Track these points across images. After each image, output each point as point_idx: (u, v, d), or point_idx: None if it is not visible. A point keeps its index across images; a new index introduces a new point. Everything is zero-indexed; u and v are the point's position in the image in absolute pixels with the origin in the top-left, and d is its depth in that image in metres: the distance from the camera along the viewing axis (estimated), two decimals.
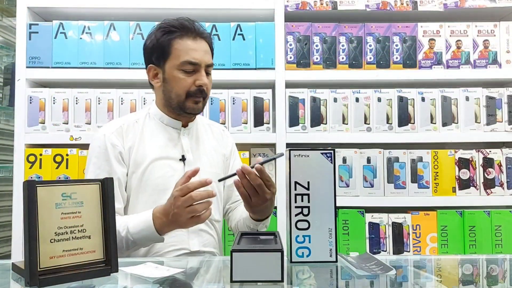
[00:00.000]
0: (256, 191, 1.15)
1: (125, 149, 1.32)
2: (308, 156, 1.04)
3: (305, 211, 1.02)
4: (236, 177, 1.16)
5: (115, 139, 1.32)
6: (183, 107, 1.33)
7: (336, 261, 1.00)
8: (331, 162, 1.04)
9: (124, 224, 1.20)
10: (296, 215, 1.02)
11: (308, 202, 1.03)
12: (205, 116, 1.93)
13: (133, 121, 1.37)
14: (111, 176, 1.20)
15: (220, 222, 1.45)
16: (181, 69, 1.31)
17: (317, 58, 1.99)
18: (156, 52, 1.33)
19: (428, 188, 1.94)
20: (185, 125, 1.39)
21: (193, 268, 1.07)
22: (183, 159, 1.35)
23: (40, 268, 0.81)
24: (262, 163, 1.14)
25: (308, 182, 1.03)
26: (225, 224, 1.57)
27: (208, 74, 1.34)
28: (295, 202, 1.03)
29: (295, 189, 1.03)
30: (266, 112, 1.95)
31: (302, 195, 1.03)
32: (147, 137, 1.35)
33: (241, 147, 1.84)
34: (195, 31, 1.32)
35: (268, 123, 1.96)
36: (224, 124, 1.94)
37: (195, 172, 1.14)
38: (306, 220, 1.02)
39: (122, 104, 1.94)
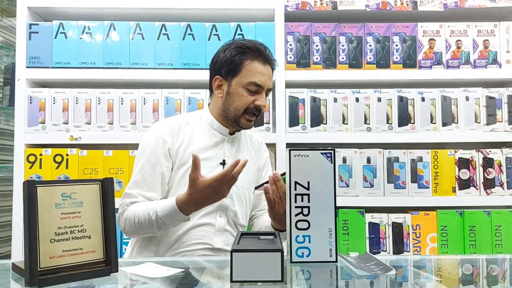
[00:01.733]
0: (280, 199, 1.27)
1: (174, 147, 1.43)
2: (308, 156, 1.04)
3: (305, 211, 1.02)
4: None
5: (167, 136, 1.42)
6: (238, 121, 1.44)
7: (336, 261, 1.00)
8: (331, 162, 1.04)
9: (153, 208, 1.30)
10: (296, 215, 1.02)
11: (308, 202, 1.03)
12: None
13: (185, 122, 1.48)
14: (156, 168, 1.38)
15: (245, 227, 1.52)
16: (246, 88, 1.42)
17: (317, 58, 1.99)
18: (227, 67, 1.44)
19: (428, 188, 1.94)
20: (231, 133, 1.50)
21: (193, 268, 1.07)
22: (223, 163, 1.45)
23: (40, 268, 0.81)
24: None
25: (308, 182, 1.03)
26: (249, 229, 1.60)
27: (266, 96, 1.47)
28: (295, 202, 1.03)
29: (295, 189, 1.03)
30: (266, 112, 1.96)
31: (302, 195, 1.03)
32: (195, 139, 1.45)
33: None
34: (265, 57, 1.44)
35: (268, 123, 1.96)
36: None
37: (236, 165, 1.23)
38: (306, 220, 1.02)
39: (122, 104, 1.94)
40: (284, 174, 1.25)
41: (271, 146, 1.98)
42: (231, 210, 1.44)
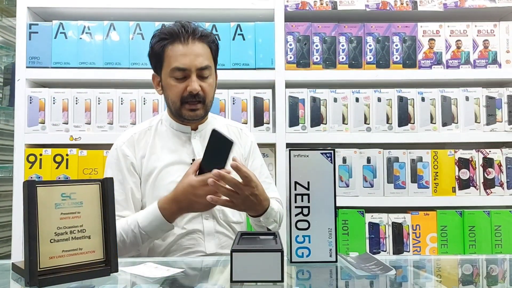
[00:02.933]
0: (234, 192, 1.14)
1: (137, 159, 1.35)
2: (308, 156, 1.04)
3: (305, 211, 1.02)
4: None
5: (127, 149, 1.35)
6: (180, 114, 1.34)
7: (336, 261, 1.00)
8: (331, 162, 1.04)
9: (134, 220, 1.23)
10: (296, 215, 1.02)
11: (308, 202, 1.03)
12: None
13: (146, 129, 1.40)
14: (124, 185, 1.31)
15: (242, 224, 1.44)
16: (172, 76, 1.31)
17: (317, 58, 1.99)
18: (153, 60, 1.35)
19: (428, 188, 1.94)
20: (195, 128, 1.39)
21: (193, 268, 1.07)
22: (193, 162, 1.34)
23: (40, 268, 0.81)
24: (215, 134, 1.10)
25: (308, 182, 1.03)
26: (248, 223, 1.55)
27: (204, 77, 1.32)
28: (295, 202, 1.03)
29: (295, 189, 1.03)
30: (266, 112, 1.96)
31: (302, 195, 1.03)
32: (158, 144, 1.37)
33: None
34: (185, 35, 1.30)
35: (268, 123, 1.96)
36: None
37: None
38: (306, 220, 1.02)
39: (121, 104, 1.94)
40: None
41: (271, 146, 1.98)
42: (217, 210, 1.34)
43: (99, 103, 1.94)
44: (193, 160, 1.35)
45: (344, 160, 1.94)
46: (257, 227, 1.35)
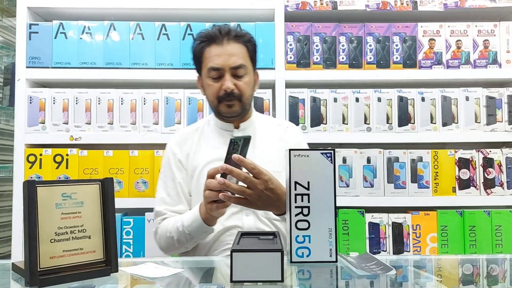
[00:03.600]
0: (246, 188, 1.13)
1: (183, 156, 1.43)
2: (308, 156, 1.04)
3: (305, 211, 1.02)
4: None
5: (175, 147, 1.45)
6: (219, 111, 1.41)
7: (336, 261, 1.00)
8: (331, 162, 1.04)
9: (180, 220, 1.30)
10: (296, 215, 1.02)
11: (308, 202, 1.03)
12: (205, 115, 1.94)
13: (194, 129, 1.50)
14: (175, 181, 1.41)
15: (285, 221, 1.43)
16: (209, 76, 1.38)
17: (317, 58, 1.99)
18: (195, 62, 1.44)
19: (428, 188, 1.94)
20: (237, 127, 1.45)
21: (193, 268, 1.07)
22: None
23: (40, 268, 0.81)
24: (234, 142, 1.09)
25: (308, 182, 1.03)
26: None
27: (238, 76, 1.37)
28: (295, 202, 1.03)
29: (295, 189, 1.03)
30: (266, 112, 1.95)
31: (302, 195, 1.03)
32: (203, 143, 1.45)
33: None
34: (220, 37, 1.36)
35: None
36: None
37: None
38: (306, 220, 1.02)
39: (122, 104, 1.94)
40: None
41: None
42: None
43: (99, 103, 1.94)
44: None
45: (344, 160, 1.94)
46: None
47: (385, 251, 1.91)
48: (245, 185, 1.13)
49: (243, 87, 1.37)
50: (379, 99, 1.97)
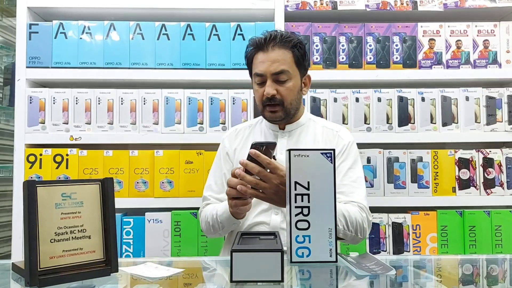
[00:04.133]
0: (261, 181, 1.18)
1: (231, 150, 1.53)
2: (308, 156, 1.04)
3: (305, 211, 1.02)
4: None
5: (226, 141, 1.56)
6: (264, 115, 1.49)
7: (336, 261, 1.00)
8: (331, 162, 1.04)
9: (216, 208, 1.39)
10: (296, 215, 1.02)
11: (308, 202, 1.03)
12: (206, 115, 1.94)
13: (247, 126, 1.59)
14: (221, 171, 1.52)
15: None
16: (255, 81, 1.46)
17: (317, 58, 1.99)
18: (248, 67, 1.52)
19: (428, 188, 1.94)
20: (282, 128, 1.52)
21: (193, 268, 1.07)
22: (273, 159, 1.41)
23: (40, 268, 0.81)
24: (254, 147, 1.18)
25: (308, 182, 1.03)
26: None
27: (281, 81, 1.41)
28: (295, 202, 1.03)
29: (295, 189, 1.03)
30: None
31: (302, 195, 1.03)
32: (251, 139, 1.52)
33: None
34: (265, 44, 1.42)
35: None
36: (224, 124, 1.94)
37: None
38: (306, 220, 1.02)
39: (122, 104, 1.94)
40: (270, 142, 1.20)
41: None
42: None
43: (99, 103, 1.94)
44: (273, 156, 1.42)
45: None
46: None
47: (385, 251, 1.91)
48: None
49: (284, 93, 1.42)
50: (379, 99, 1.97)
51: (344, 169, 1.45)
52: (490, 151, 1.95)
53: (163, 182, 1.91)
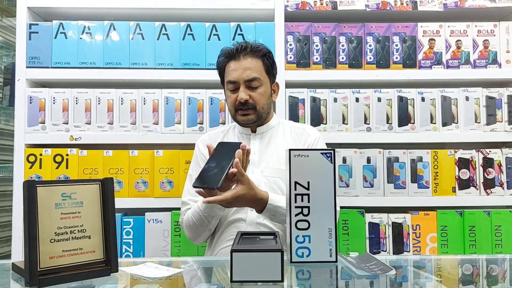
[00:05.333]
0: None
1: (206, 154, 1.52)
2: (308, 156, 1.04)
3: (305, 211, 1.02)
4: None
5: (201, 146, 1.61)
6: (236, 120, 1.57)
7: (336, 261, 1.00)
8: (331, 162, 1.04)
9: (197, 205, 1.44)
10: (296, 215, 1.02)
11: (308, 202, 1.03)
12: (206, 115, 1.94)
13: (220, 131, 1.67)
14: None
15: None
16: (227, 88, 1.55)
17: (317, 58, 1.99)
18: (220, 76, 1.61)
19: (428, 188, 1.94)
20: (254, 131, 1.60)
21: (193, 268, 1.07)
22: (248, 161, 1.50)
23: (40, 268, 0.81)
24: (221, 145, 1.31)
25: (308, 182, 1.03)
26: None
27: (253, 88, 1.51)
28: (295, 202, 1.03)
29: (295, 189, 1.03)
30: None
31: (302, 195, 1.03)
32: None
33: None
34: (236, 53, 1.52)
35: None
36: (224, 123, 1.94)
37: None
38: (306, 220, 1.02)
39: (122, 104, 1.94)
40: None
41: None
42: None
43: (99, 103, 1.94)
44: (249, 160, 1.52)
45: (344, 160, 1.94)
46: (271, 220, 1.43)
47: (385, 251, 1.91)
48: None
49: (256, 98, 1.52)
50: (379, 99, 1.97)
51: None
52: (490, 151, 1.95)
53: (163, 182, 1.91)
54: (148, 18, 2.02)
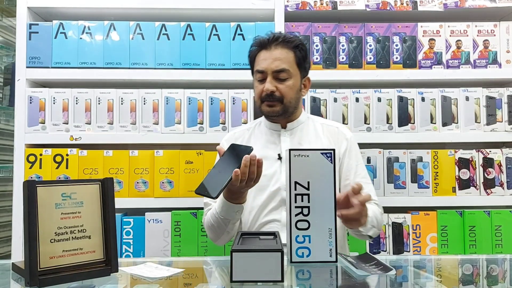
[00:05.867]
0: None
1: None
2: (308, 156, 1.04)
3: (305, 211, 1.02)
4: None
5: (225, 144, 1.52)
6: (262, 111, 1.51)
7: (336, 261, 1.00)
8: (331, 162, 1.04)
9: (215, 208, 1.38)
10: (296, 215, 1.02)
11: (308, 202, 1.03)
12: (206, 115, 1.94)
13: (246, 129, 1.61)
14: None
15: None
16: (255, 78, 1.50)
17: (317, 58, 1.99)
18: (250, 66, 1.55)
19: (428, 188, 1.94)
20: (284, 126, 1.53)
21: (193, 268, 1.07)
22: (279, 157, 1.48)
23: (40, 268, 0.81)
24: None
25: (308, 182, 1.03)
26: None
27: (281, 79, 1.45)
28: (295, 202, 1.03)
29: (295, 189, 1.03)
30: None
31: (302, 195, 1.03)
32: (252, 142, 1.53)
33: None
34: (268, 43, 1.47)
35: None
36: (224, 124, 1.94)
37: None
38: (306, 220, 1.02)
39: (122, 104, 1.94)
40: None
41: None
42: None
43: (99, 103, 1.94)
44: (278, 155, 1.48)
45: None
46: (355, 235, 1.38)
47: (385, 251, 1.91)
48: None
49: (284, 90, 1.46)
50: (379, 99, 1.97)
51: (353, 166, 1.51)
52: (490, 151, 1.95)
53: (163, 182, 1.91)
54: (148, 18, 2.02)
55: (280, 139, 1.52)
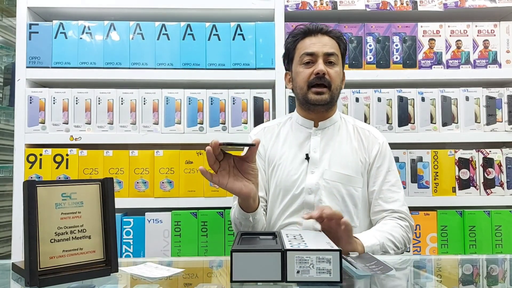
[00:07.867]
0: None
1: (261, 147, 1.48)
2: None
3: None
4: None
5: (254, 138, 1.47)
6: (307, 98, 1.41)
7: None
8: None
9: (233, 209, 1.36)
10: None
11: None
12: (206, 115, 1.94)
13: (276, 124, 1.55)
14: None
15: (355, 228, 1.38)
16: (301, 63, 1.42)
17: None
18: (286, 57, 1.50)
19: (428, 188, 1.94)
20: (316, 125, 1.47)
21: (193, 268, 1.07)
22: (307, 157, 1.42)
23: (40, 268, 0.81)
24: (226, 144, 1.17)
25: None
26: None
27: (331, 63, 1.40)
28: None
29: None
30: (266, 112, 1.95)
31: None
32: (281, 138, 1.50)
33: None
34: (315, 30, 1.43)
35: None
36: (224, 124, 1.94)
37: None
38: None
39: (122, 104, 1.94)
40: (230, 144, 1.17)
41: None
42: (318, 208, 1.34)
43: (99, 103, 1.94)
44: (306, 155, 1.42)
45: None
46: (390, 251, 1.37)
47: None
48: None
49: (333, 75, 1.40)
50: (379, 99, 1.97)
51: (383, 173, 1.44)
52: (490, 151, 1.95)
53: (163, 182, 1.91)
54: (148, 18, 2.02)
55: (311, 137, 1.46)
